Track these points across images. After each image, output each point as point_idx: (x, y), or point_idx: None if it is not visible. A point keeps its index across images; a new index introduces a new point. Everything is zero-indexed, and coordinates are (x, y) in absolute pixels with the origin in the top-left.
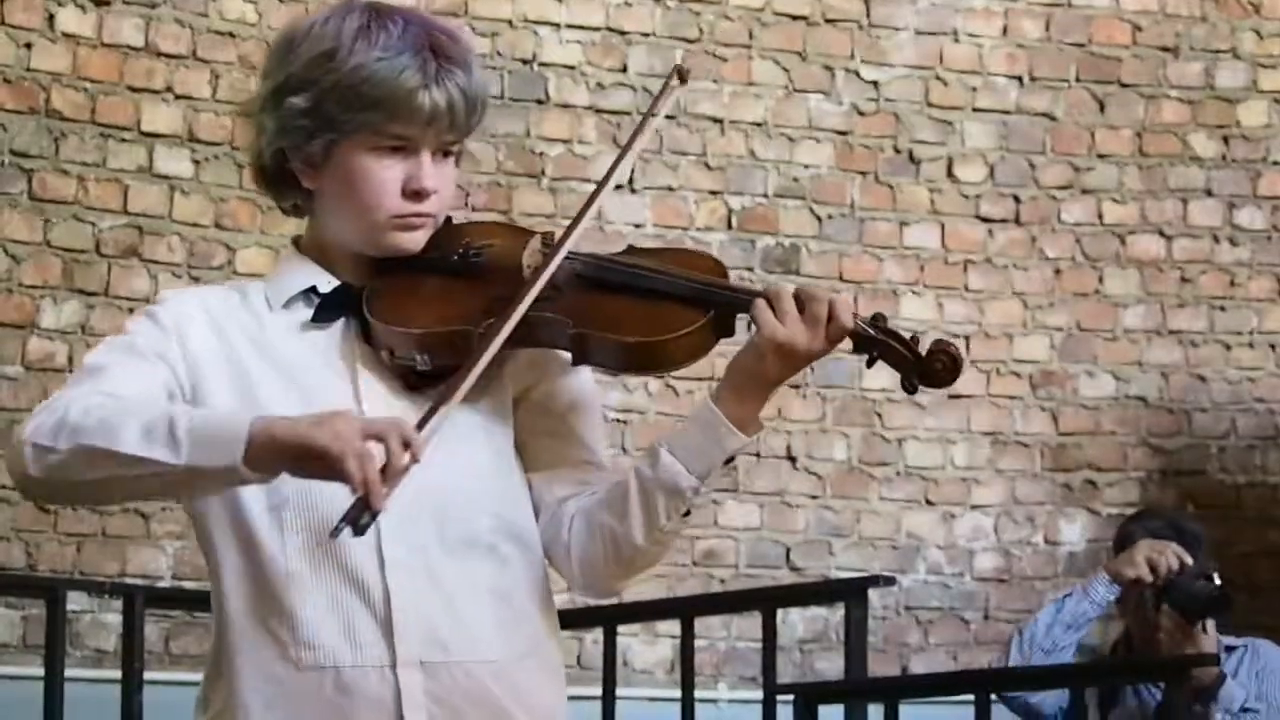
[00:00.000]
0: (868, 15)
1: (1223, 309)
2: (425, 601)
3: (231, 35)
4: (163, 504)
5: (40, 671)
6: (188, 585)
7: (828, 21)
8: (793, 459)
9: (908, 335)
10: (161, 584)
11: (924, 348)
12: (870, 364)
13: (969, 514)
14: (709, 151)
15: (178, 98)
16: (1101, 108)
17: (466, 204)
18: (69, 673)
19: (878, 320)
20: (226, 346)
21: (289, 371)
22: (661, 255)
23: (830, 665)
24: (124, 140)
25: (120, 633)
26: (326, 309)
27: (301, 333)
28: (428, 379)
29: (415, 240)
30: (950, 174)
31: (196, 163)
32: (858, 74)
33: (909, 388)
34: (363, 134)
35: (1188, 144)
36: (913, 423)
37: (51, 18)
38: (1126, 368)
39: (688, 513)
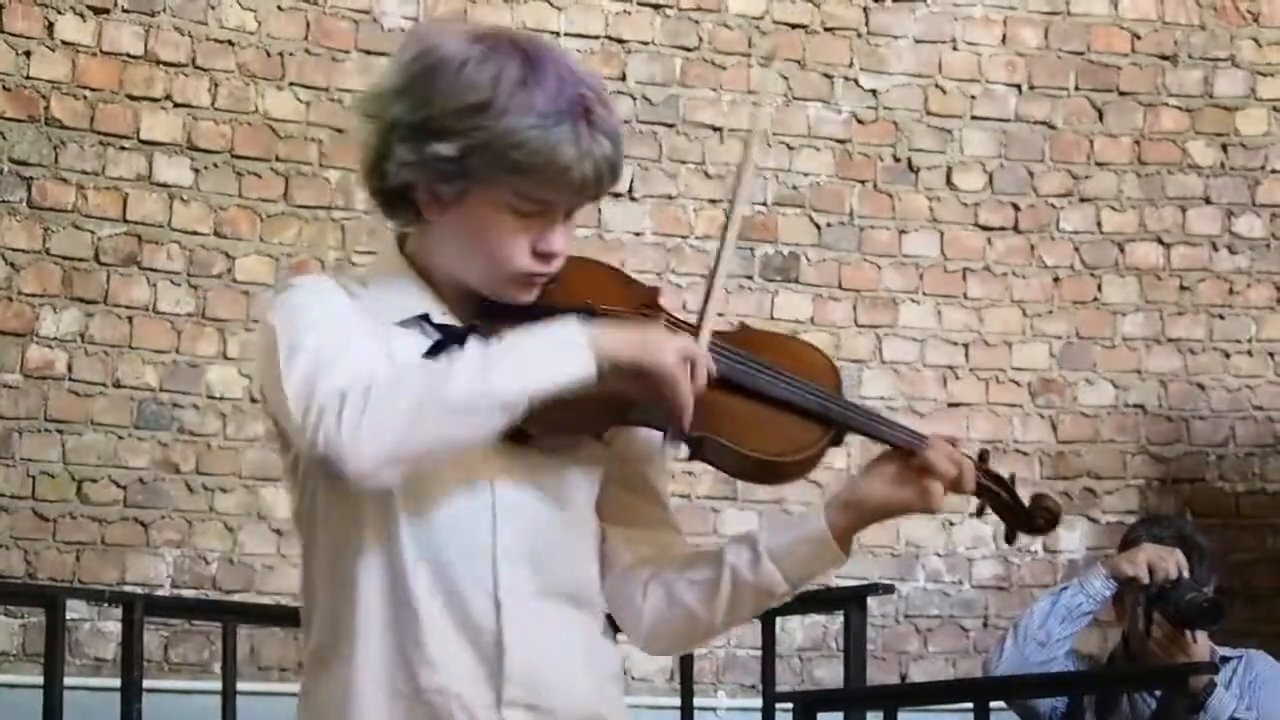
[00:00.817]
0: (867, 24)
1: (1221, 317)
2: (533, 648)
3: (231, 44)
4: (161, 512)
5: (39, 680)
6: (187, 594)
7: (827, 30)
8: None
9: (1008, 478)
10: (161, 592)
11: (1025, 499)
12: (979, 513)
13: (968, 522)
14: (708, 160)
15: (177, 106)
16: (1100, 116)
17: None
18: (68, 681)
19: (984, 462)
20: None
21: None
22: (779, 348)
23: (829, 673)
24: (123, 148)
25: (119, 641)
26: (440, 345)
27: (415, 352)
28: (530, 434)
29: (531, 295)
30: (949, 182)
31: (196, 171)
32: (857, 82)
33: (1010, 538)
34: (503, 190)
35: (1186, 152)
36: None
37: (51, 26)
38: (1125, 376)
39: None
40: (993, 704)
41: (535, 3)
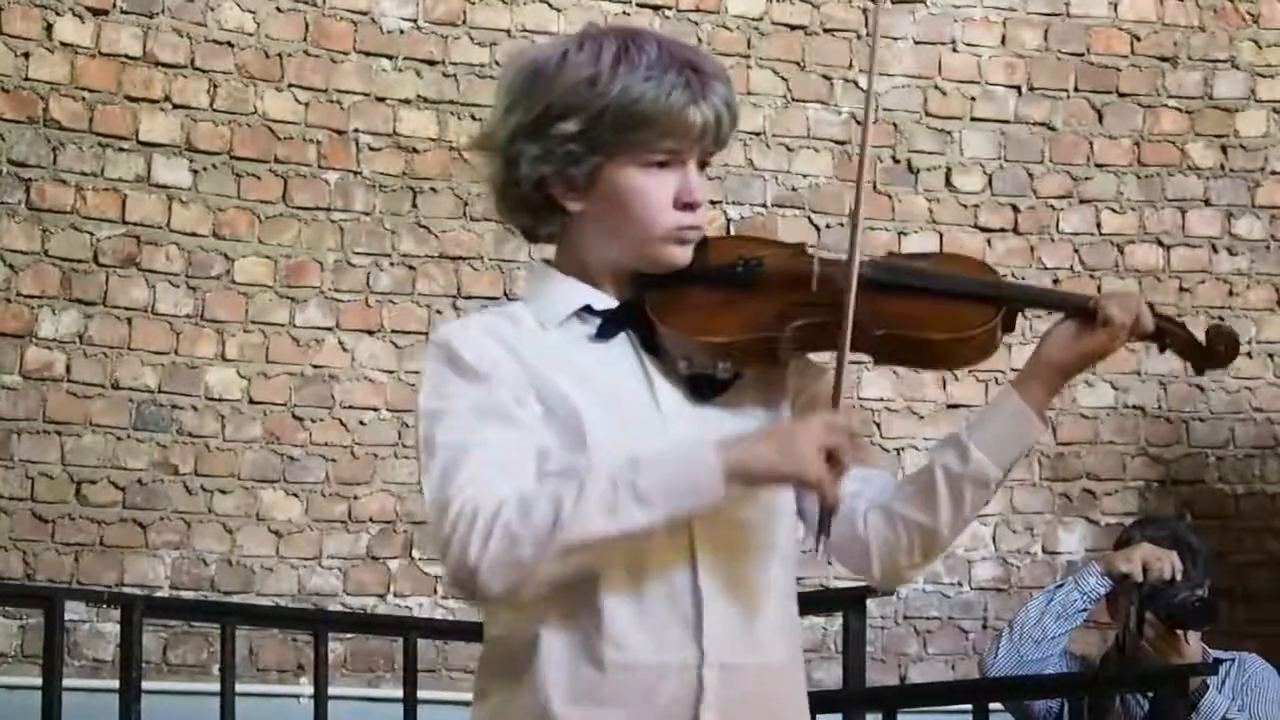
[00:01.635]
0: (866, 25)
1: (1221, 319)
2: (731, 605)
3: (230, 45)
4: (160, 514)
5: (38, 681)
6: (185, 595)
7: (826, 31)
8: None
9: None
10: (159, 594)
11: (1201, 335)
12: (1162, 350)
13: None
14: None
15: (176, 107)
16: (1100, 117)
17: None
18: (67, 682)
19: (1153, 307)
20: (527, 369)
21: (589, 379)
22: (933, 257)
23: (828, 675)
24: (122, 150)
25: (118, 642)
26: (607, 325)
27: (588, 345)
28: (716, 386)
29: (687, 254)
30: (949, 183)
31: (195, 172)
32: (856, 84)
33: (1199, 370)
34: (632, 153)
35: (1186, 154)
36: (911, 432)
37: (49, 27)
38: (1125, 377)
39: (989, 500)
40: (991, 705)
41: (535, 4)
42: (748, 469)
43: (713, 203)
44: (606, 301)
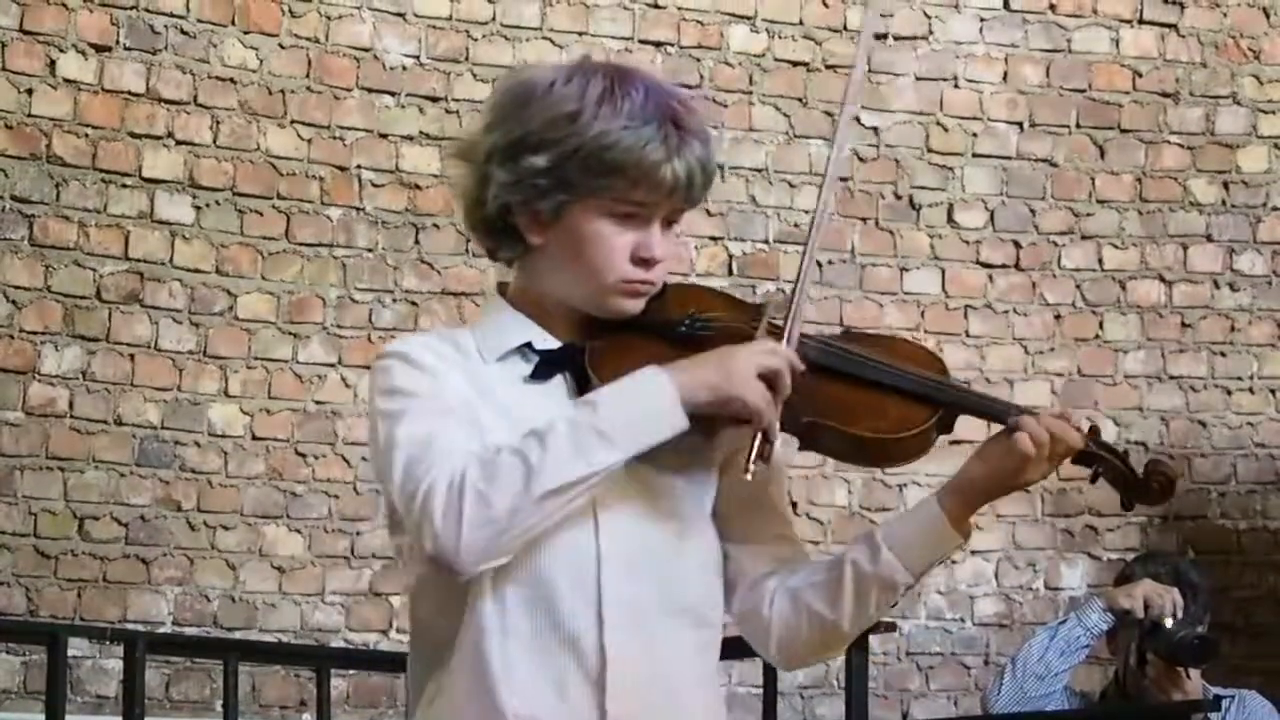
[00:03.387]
0: (868, 61)
1: (1223, 354)
2: (639, 664)
3: (232, 81)
4: (163, 549)
5: (41, 717)
6: (188, 631)
7: (828, 67)
8: (794, 504)
9: (1121, 450)
10: (162, 629)
11: (1140, 468)
12: (1093, 480)
13: (970, 559)
14: (709, 197)
15: (179, 143)
16: (1102, 153)
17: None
18: (70, 718)
19: (1094, 435)
20: (468, 391)
21: (514, 418)
22: (883, 343)
23: (831, 711)
24: (125, 186)
25: (121, 679)
26: (545, 366)
27: (521, 386)
28: None
29: (637, 305)
30: (951, 219)
31: (197, 208)
32: (858, 119)
33: (1127, 505)
34: (600, 198)
35: (1188, 189)
36: (914, 469)
37: (53, 64)
38: (1127, 413)
39: (895, 603)
40: None
41: (537, 41)
42: (693, 394)
43: (714, 239)
44: (549, 341)
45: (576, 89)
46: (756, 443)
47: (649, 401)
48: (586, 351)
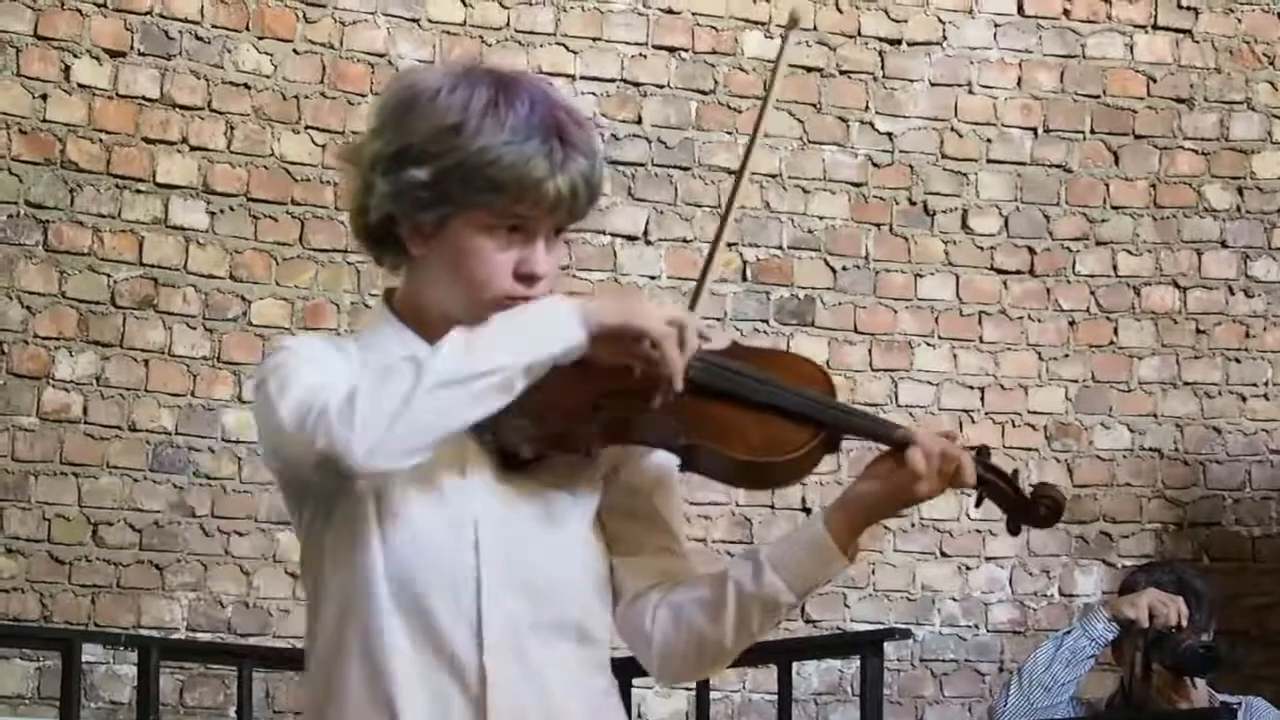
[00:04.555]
0: (882, 67)
1: (1238, 361)
2: (519, 685)
3: (247, 87)
4: (177, 555)
5: None
6: (202, 637)
7: (842, 73)
8: (808, 510)
9: (1010, 472)
10: (176, 636)
11: (1027, 489)
12: (978, 504)
13: (984, 566)
14: (723, 203)
15: (193, 149)
16: (1116, 159)
17: None
18: None
19: (983, 455)
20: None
21: None
22: (768, 359)
23: (845, 718)
24: (139, 191)
25: (135, 685)
26: None
27: None
28: (522, 462)
29: None
30: (965, 225)
31: (212, 214)
32: (872, 125)
33: (1013, 529)
34: (480, 212)
35: (1202, 195)
36: None
37: (68, 69)
38: (1141, 419)
39: (778, 622)
40: None
41: (551, 47)
42: (601, 314)
43: (729, 245)
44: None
45: (460, 99)
46: (660, 384)
47: (548, 312)
48: None
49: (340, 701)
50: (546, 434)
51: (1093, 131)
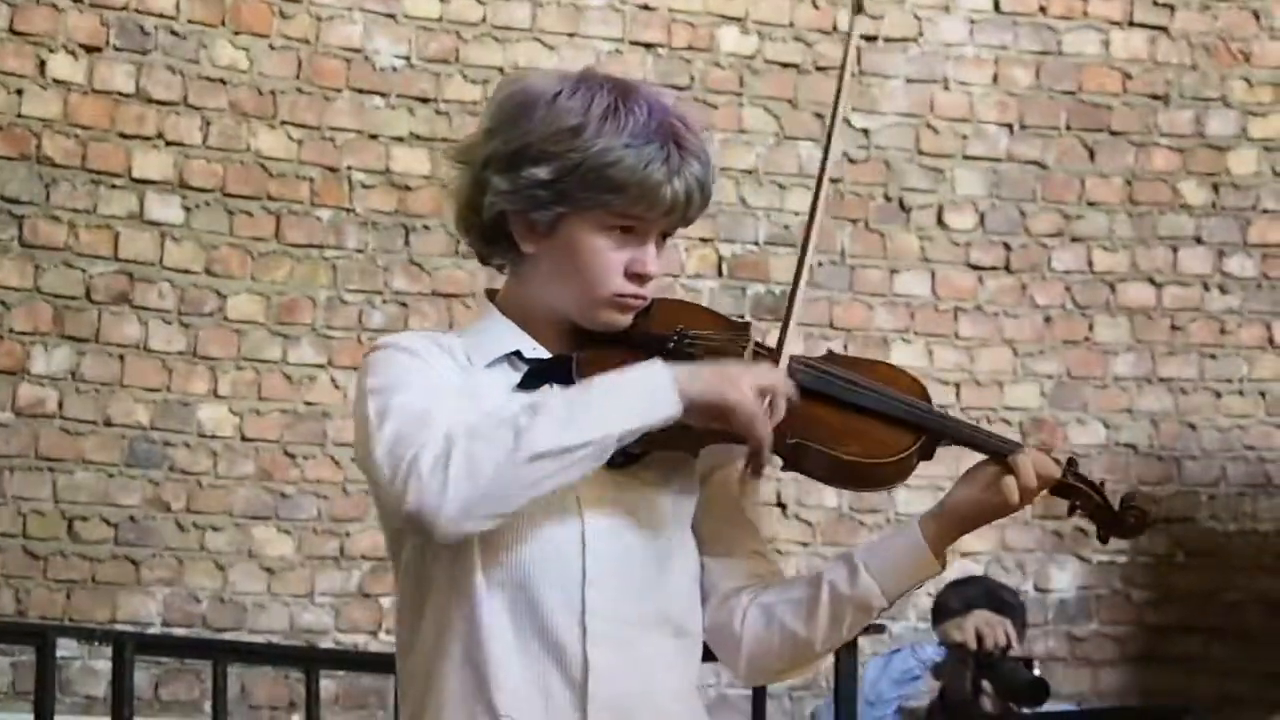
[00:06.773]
0: (858, 63)
1: (1213, 357)
2: (621, 675)
3: (223, 82)
4: (152, 550)
5: (30, 718)
6: (177, 632)
7: (818, 69)
8: (783, 506)
9: (1099, 483)
10: (151, 630)
11: (1115, 501)
12: (1071, 512)
13: (959, 561)
14: None
15: (169, 144)
16: (1092, 155)
17: None
18: (59, 719)
19: (1074, 466)
20: (459, 381)
21: None
22: (868, 368)
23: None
24: (115, 187)
25: (110, 679)
26: (532, 375)
27: (508, 394)
28: (626, 455)
29: (626, 319)
30: (941, 221)
31: (187, 209)
32: (848, 121)
33: (1103, 538)
34: (598, 212)
35: (1178, 192)
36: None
37: (43, 64)
38: (1117, 415)
39: (866, 625)
40: None
41: (528, 42)
42: (690, 385)
43: (705, 240)
44: (538, 350)
45: (581, 103)
46: (749, 459)
47: (646, 383)
48: (574, 362)
49: (440, 691)
50: (655, 430)
51: (1068, 128)
